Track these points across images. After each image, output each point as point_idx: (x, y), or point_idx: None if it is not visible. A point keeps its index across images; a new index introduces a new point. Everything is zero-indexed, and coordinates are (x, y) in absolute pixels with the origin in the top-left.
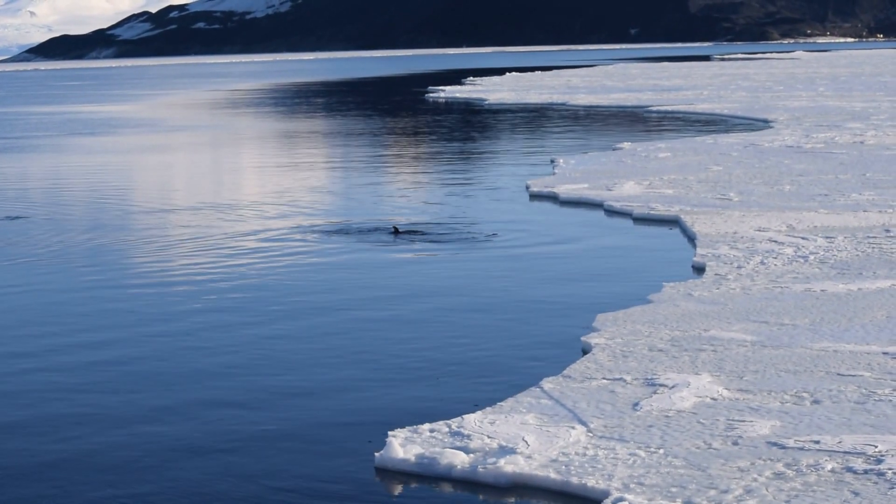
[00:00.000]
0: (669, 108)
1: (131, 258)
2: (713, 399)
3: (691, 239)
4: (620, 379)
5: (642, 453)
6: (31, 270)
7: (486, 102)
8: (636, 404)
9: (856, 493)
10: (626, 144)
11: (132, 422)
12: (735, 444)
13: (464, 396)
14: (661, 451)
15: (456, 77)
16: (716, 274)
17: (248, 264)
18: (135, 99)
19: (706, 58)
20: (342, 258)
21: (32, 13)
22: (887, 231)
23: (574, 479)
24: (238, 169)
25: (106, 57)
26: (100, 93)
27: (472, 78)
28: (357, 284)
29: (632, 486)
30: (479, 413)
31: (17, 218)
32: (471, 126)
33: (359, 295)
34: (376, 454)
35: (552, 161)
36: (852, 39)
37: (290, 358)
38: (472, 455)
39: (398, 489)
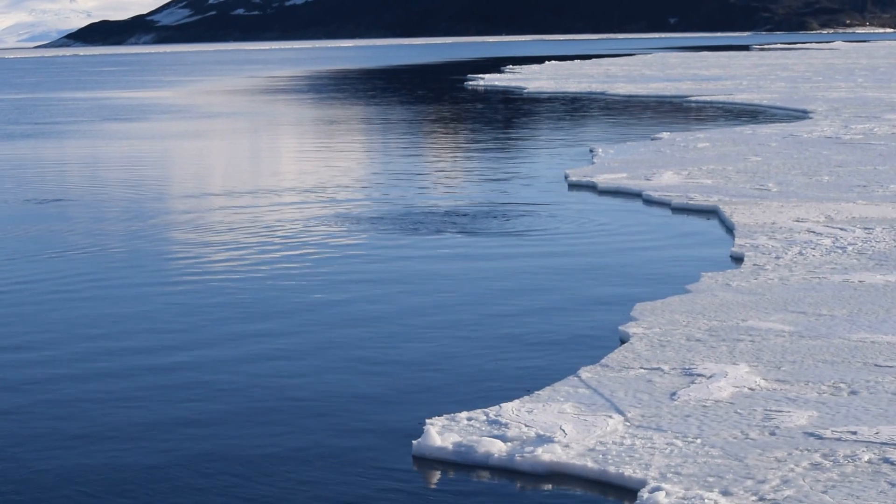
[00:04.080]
0: (708, 98)
1: (170, 244)
2: (750, 389)
3: (730, 229)
4: (658, 368)
5: (679, 443)
6: (69, 256)
7: (525, 91)
8: (674, 394)
9: (892, 485)
10: (665, 134)
11: (171, 399)
12: (772, 434)
13: (501, 384)
14: (699, 440)
15: (495, 65)
16: (754, 264)
17: (287, 251)
18: (172, 85)
19: (745, 47)
20: (379, 245)
21: None
22: None
23: (611, 468)
24: (276, 156)
25: (145, 43)
26: (137, 79)
27: (511, 66)
28: (394, 271)
29: (669, 475)
30: (516, 401)
31: (55, 201)
32: (509, 114)
33: (396, 281)
34: (413, 442)
35: (591, 150)
36: (891, 30)
37: (327, 345)
38: (509, 443)
39: (435, 477)
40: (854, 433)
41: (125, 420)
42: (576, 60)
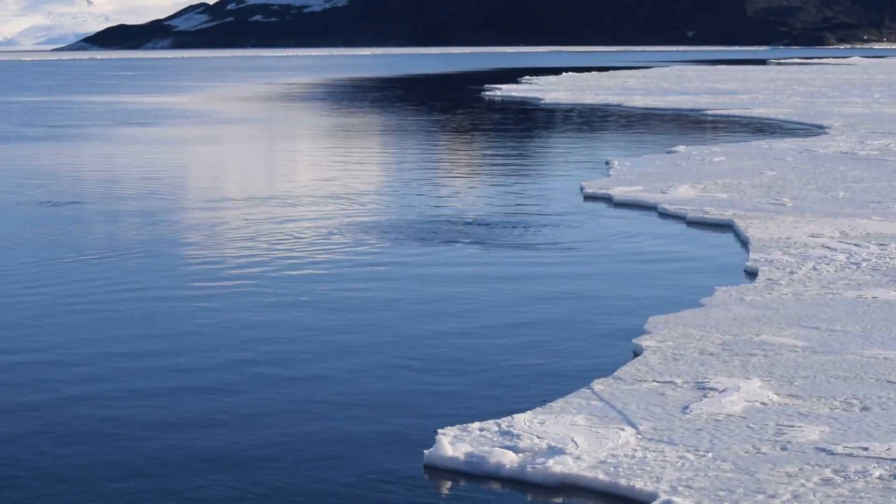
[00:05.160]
0: (725, 112)
1: (184, 250)
2: (763, 404)
3: (744, 243)
4: (671, 382)
5: (691, 456)
6: (84, 260)
7: (542, 102)
8: (686, 407)
9: None
10: (681, 147)
11: (178, 417)
12: (784, 449)
13: (514, 396)
14: (710, 454)
15: (512, 76)
16: (768, 279)
17: (302, 259)
18: (188, 90)
19: (763, 62)
20: (393, 255)
21: (90, 2)
22: None
23: (622, 481)
24: (291, 163)
25: (162, 48)
26: (153, 83)
27: (528, 77)
28: (407, 281)
29: (680, 488)
30: (528, 413)
31: (70, 204)
32: (526, 125)
33: (408, 292)
34: (425, 452)
35: (607, 162)
36: None
37: (341, 354)
38: (520, 454)
39: (446, 487)
40: (865, 449)
41: (136, 424)
42: (593, 72)
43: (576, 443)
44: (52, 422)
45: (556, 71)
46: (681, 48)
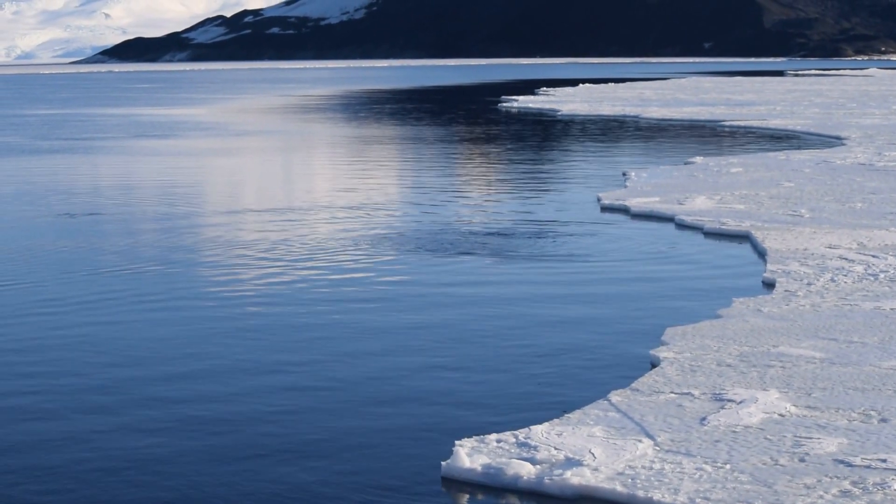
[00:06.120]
0: (742, 123)
1: (202, 264)
2: (781, 415)
3: (762, 254)
4: (688, 393)
5: (709, 468)
6: (104, 274)
7: (559, 113)
8: (703, 419)
9: None
10: (698, 159)
11: (199, 426)
12: (802, 460)
13: (531, 407)
14: (728, 466)
15: (529, 87)
16: (786, 290)
17: (320, 272)
18: (205, 103)
19: (780, 73)
20: (410, 266)
21: (107, 15)
22: None
23: (640, 493)
24: (308, 174)
25: (180, 60)
26: (170, 96)
27: (545, 88)
28: (424, 294)
29: (698, 500)
30: (546, 424)
31: (88, 216)
32: (543, 137)
33: (425, 304)
34: (442, 463)
35: (624, 174)
36: None
37: (358, 365)
38: (538, 466)
39: (463, 499)
40: (884, 461)
41: (139, 453)
42: (610, 84)
43: (593, 454)
44: (62, 448)
45: (573, 82)
46: (698, 60)
